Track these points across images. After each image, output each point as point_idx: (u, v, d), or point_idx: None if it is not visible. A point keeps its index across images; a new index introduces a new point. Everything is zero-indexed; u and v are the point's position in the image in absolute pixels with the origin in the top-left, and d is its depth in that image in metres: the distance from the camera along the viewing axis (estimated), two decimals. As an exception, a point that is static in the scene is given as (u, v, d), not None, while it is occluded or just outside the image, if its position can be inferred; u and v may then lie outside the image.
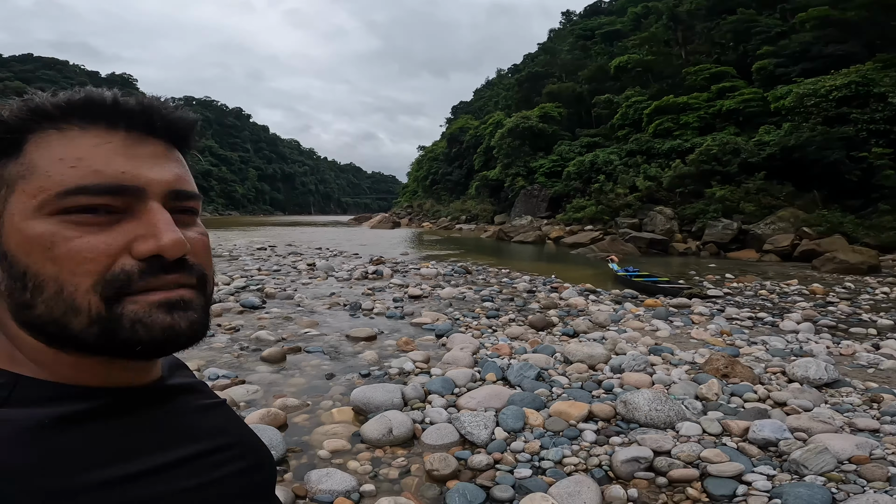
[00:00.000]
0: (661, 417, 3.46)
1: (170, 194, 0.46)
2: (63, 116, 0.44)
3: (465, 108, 79.85)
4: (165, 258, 0.43)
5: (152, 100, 0.48)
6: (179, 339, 0.44)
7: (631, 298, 9.24)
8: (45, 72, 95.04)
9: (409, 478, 2.90)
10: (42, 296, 0.42)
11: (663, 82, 32.03)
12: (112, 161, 0.44)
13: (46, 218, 0.42)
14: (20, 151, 0.44)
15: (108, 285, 0.42)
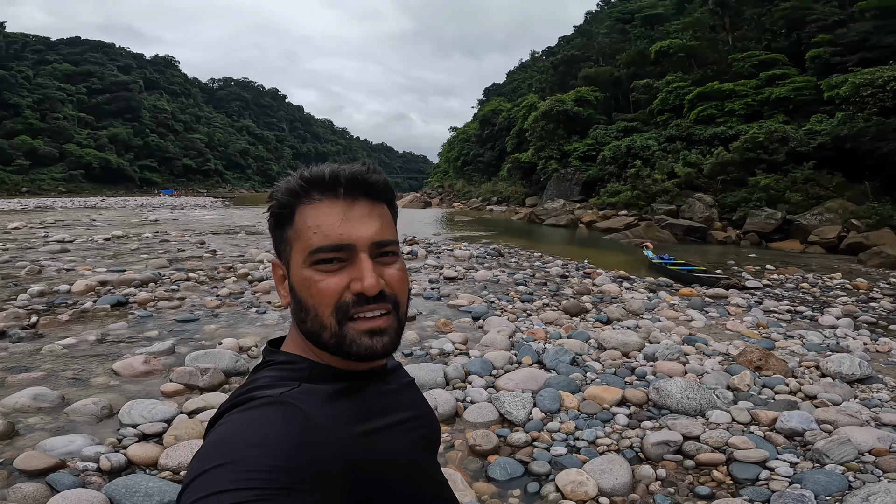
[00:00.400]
0: (692, 405, 3.59)
1: (372, 245, 0.66)
2: (306, 192, 0.66)
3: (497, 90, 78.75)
4: (367, 294, 0.64)
5: (357, 169, 0.67)
6: (377, 355, 0.65)
7: (665, 287, 9.19)
8: (92, 54, 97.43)
9: (452, 452, 3.14)
10: (308, 316, 0.65)
11: (707, 68, 30.85)
12: (335, 227, 0.65)
13: (307, 267, 0.65)
14: (293, 220, 0.67)
15: (338, 311, 0.64)
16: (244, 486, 0.48)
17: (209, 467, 0.50)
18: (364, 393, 0.68)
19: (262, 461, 0.51)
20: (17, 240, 14.48)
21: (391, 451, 0.65)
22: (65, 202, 44.02)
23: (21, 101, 71.39)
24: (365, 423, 0.64)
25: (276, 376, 0.66)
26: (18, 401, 3.60)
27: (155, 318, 6.26)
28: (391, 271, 0.67)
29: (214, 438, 0.56)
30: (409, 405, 0.74)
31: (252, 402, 0.59)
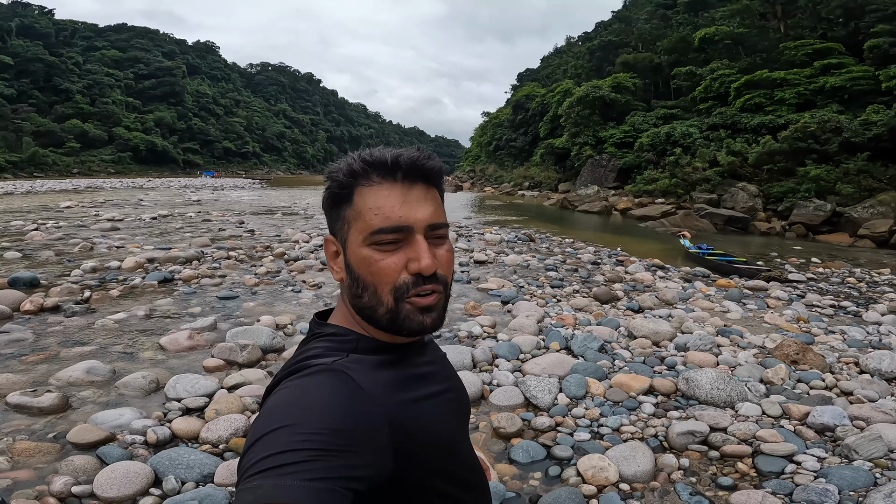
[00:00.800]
0: (722, 396, 3.55)
1: (427, 227, 0.69)
2: (366, 174, 0.69)
3: (531, 75, 77.39)
4: (424, 274, 0.68)
5: (415, 155, 0.70)
6: (426, 329, 0.70)
7: (702, 277, 8.98)
8: (138, 41, 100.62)
9: (477, 433, 3.21)
10: (366, 292, 0.69)
11: (756, 56, 29.55)
12: (395, 209, 0.68)
13: (366, 246, 0.68)
14: (351, 201, 0.70)
15: (396, 290, 0.68)
16: (300, 447, 0.52)
17: (269, 430, 0.55)
18: (406, 364, 0.72)
19: (316, 424, 0.55)
20: (70, 218, 15.27)
21: (430, 418, 0.70)
22: (114, 183, 45.96)
23: (72, 86, 74.44)
24: (407, 391, 0.69)
25: (327, 347, 0.70)
26: (73, 374, 3.79)
27: (198, 294, 6.55)
28: (441, 252, 0.71)
29: (273, 403, 0.60)
30: (444, 377, 0.79)
31: (306, 369, 0.64)
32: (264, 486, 0.49)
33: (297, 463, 0.51)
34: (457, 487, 0.73)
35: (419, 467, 0.66)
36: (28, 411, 3.27)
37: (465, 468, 0.77)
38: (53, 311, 5.57)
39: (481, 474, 0.83)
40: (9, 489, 2.51)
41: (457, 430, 0.78)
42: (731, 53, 31.77)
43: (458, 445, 0.77)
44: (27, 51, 70.68)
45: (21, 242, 10.37)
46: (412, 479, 0.65)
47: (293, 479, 0.49)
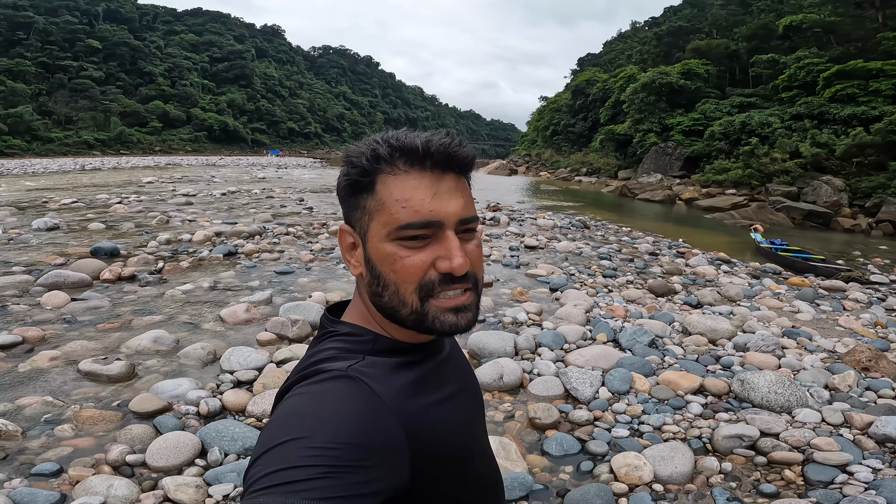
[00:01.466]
0: (780, 401, 3.35)
1: (459, 222, 0.63)
2: (392, 160, 0.63)
3: (592, 60, 75.04)
4: (455, 275, 0.62)
5: (447, 141, 0.64)
6: (460, 330, 0.65)
7: (772, 274, 8.44)
8: (212, 25, 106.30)
9: (511, 422, 3.19)
10: (387, 291, 0.64)
11: (850, 45, 27.32)
12: (425, 202, 0.62)
13: (390, 241, 0.62)
14: (374, 189, 0.63)
15: (422, 289, 0.62)
16: (312, 462, 0.49)
17: (279, 442, 0.51)
18: (424, 365, 0.68)
19: (329, 438, 0.51)
20: (150, 193, 16.43)
21: (448, 422, 0.66)
22: (190, 160, 48.89)
23: (154, 69, 79.43)
24: (425, 395, 0.65)
25: (341, 348, 0.65)
26: (141, 343, 4.07)
27: (258, 268, 6.89)
28: (471, 247, 0.65)
29: (284, 412, 0.57)
30: (459, 374, 0.75)
31: (319, 375, 0.60)
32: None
33: (307, 480, 0.48)
34: (472, 491, 0.71)
35: (435, 476, 0.62)
36: (97, 379, 3.52)
37: (481, 469, 0.74)
38: (130, 280, 6.02)
39: (496, 472, 0.80)
40: (69, 457, 2.67)
41: (474, 430, 0.74)
42: (820, 42, 29.75)
43: (475, 447, 0.73)
44: (114, 35, 75.96)
45: (105, 214, 11.29)
46: (427, 488, 0.61)
47: (301, 497, 0.46)
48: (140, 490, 2.40)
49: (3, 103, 55.14)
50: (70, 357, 3.82)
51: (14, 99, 56.07)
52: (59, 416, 3.04)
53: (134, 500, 2.32)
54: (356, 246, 0.67)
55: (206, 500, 2.37)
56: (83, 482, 2.38)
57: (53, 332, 4.32)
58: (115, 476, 2.47)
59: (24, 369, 3.62)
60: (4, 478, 2.46)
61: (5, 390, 3.33)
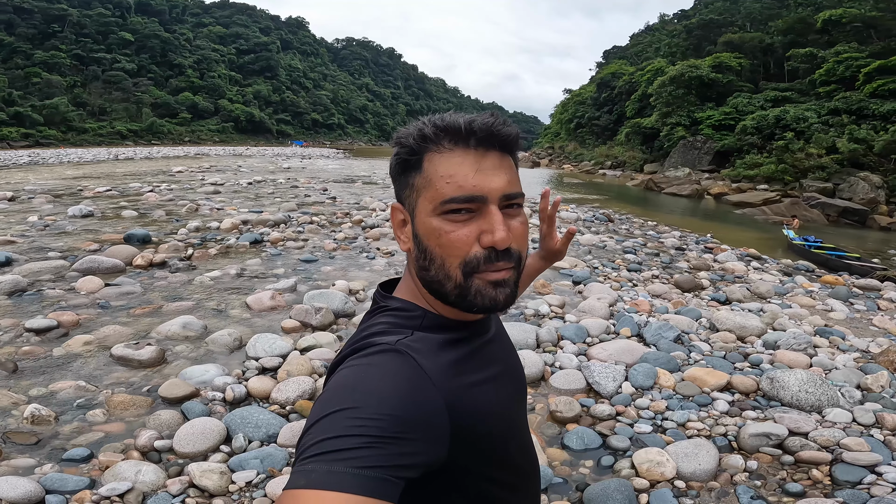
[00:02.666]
0: (810, 400, 3.26)
1: (502, 198, 0.64)
2: (437, 139, 0.65)
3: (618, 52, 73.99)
4: (497, 248, 0.63)
5: (489, 121, 0.65)
6: (498, 306, 0.65)
7: (805, 272, 8.21)
8: (239, 17, 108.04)
9: (532, 415, 3.17)
10: (433, 265, 0.65)
11: (891, 41, 26.37)
12: (468, 177, 0.63)
13: (436, 216, 0.64)
14: (421, 167, 0.66)
15: (466, 265, 0.63)
16: (357, 432, 0.51)
17: (329, 412, 0.53)
18: (470, 344, 0.69)
19: (375, 409, 0.53)
20: (180, 182, 16.81)
21: (490, 402, 0.67)
22: (218, 150, 49.79)
23: (184, 61, 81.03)
24: (469, 374, 0.65)
25: (392, 322, 0.67)
26: (171, 329, 4.16)
27: (283, 256, 7.00)
28: (516, 224, 0.66)
29: (335, 384, 0.59)
30: (504, 356, 0.76)
31: (370, 348, 0.62)
32: (317, 471, 0.49)
33: (352, 449, 0.50)
34: (510, 473, 0.71)
35: (474, 454, 0.64)
36: (129, 363, 3.61)
37: (520, 452, 0.75)
38: (161, 266, 6.18)
39: (534, 456, 0.81)
40: (99, 442, 2.72)
41: (515, 413, 0.75)
42: (860, 37, 28.94)
43: (515, 429, 0.74)
44: (145, 27, 77.69)
45: (138, 202, 11.60)
46: (466, 466, 0.63)
47: (345, 465, 0.49)
48: (167, 476, 2.45)
49: (40, 95, 57.00)
50: (103, 342, 3.93)
51: (50, 91, 57.91)
52: (92, 400, 3.11)
53: (161, 485, 2.37)
54: (406, 222, 0.69)
55: (230, 486, 2.42)
56: (112, 468, 2.43)
57: (87, 317, 4.46)
58: (144, 462, 2.52)
59: (59, 353, 3.73)
60: (36, 463, 2.51)
61: (40, 374, 3.43)
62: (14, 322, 4.21)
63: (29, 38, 63.22)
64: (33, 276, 5.45)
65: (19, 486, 2.21)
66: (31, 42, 63.19)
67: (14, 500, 2.17)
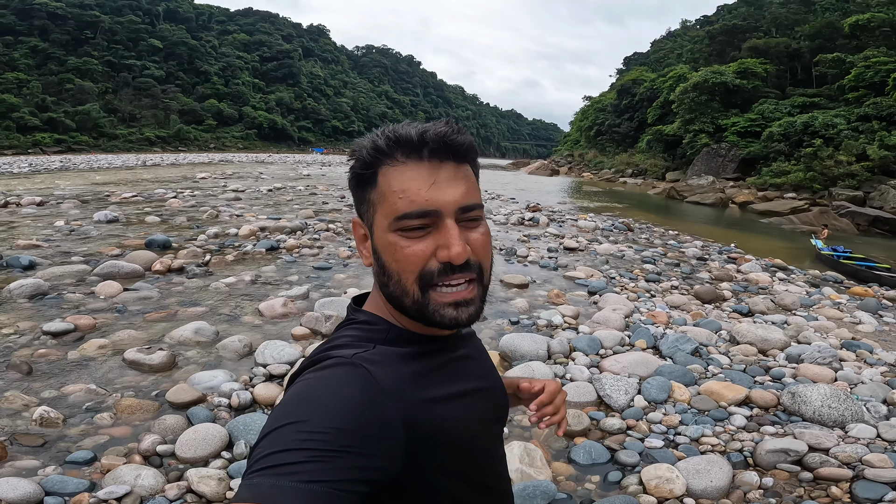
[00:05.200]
0: (833, 416, 3.15)
1: (458, 210, 0.63)
2: (391, 152, 0.64)
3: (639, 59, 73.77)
4: (454, 263, 0.62)
5: (442, 130, 0.64)
6: (461, 323, 0.64)
7: (834, 283, 7.95)
8: (262, 24, 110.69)
9: (537, 428, 3.10)
10: (391, 281, 0.65)
11: None
12: (421, 192, 0.62)
13: (392, 232, 0.64)
14: (376, 182, 0.65)
15: (421, 279, 0.63)
16: (304, 446, 0.51)
17: (278, 425, 0.53)
18: (436, 358, 0.68)
19: (323, 423, 0.53)
20: (203, 188, 17.14)
21: (454, 418, 0.65)
22: (241, 157, 50.84)
23: (210, 68, 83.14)
24: (431, 388, 0.64)
25: (355, 336, 0.67)
26: (183, 334, 4.19)
27: (297, 263, 7.04)
28: (475, 236, 0.65)
29: (288, 397, 0.59)
30: (479, 374, 0.74)
31: (326, 361, 0.62)
32: (263, 485, 0.48)
33: (297, 463, 0.50)
34: (475, 492, 0.69)
35: (433, 469, 0.62)
36: (140, 368, 3.64)
37: (488, 474, 0.72)
38: (178, 272, 6.27)
39: (507, 484, 0.78)
40: (104, 445, 2.73)
41: (485, 434, 0.72)
42: (889, 41, 28.35)
43: (483, 448, 0.71)
44: (173, 35, 79.90)
45: (161, 208, 11.86)
46: (424, 481, 0.62)
47: (291, 479, 0.49)
48: (166, 480, 2.45)
49: (72, 101, 58.95)
50: (117, 346, 3.98)
51: (82, 97, 59.86)
52: (101, 404, 3.14)
53: (159, 490, 2.37)
54: (367, 238, 0.69)
55: (227, 493, 2.40)
56: (113, 471, 2.44)
57: (104, 321, 4.53)
58: (144, 466, 2.52)
59: (74, 357, 3.79)
60: (39, 465, 2.53)
61: (53, 377, 3.48)
62: (33, 325, 4.30)
63: (62, 45, 65.50)
64: (55, 280, 5.58)
65: (19, 488, 2.24)
66: (64, 48, 65.45)
67: (13, 501, 2.19)
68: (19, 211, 10.76)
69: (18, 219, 9.80)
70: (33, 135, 51.33)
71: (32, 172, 25.51)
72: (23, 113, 51.74)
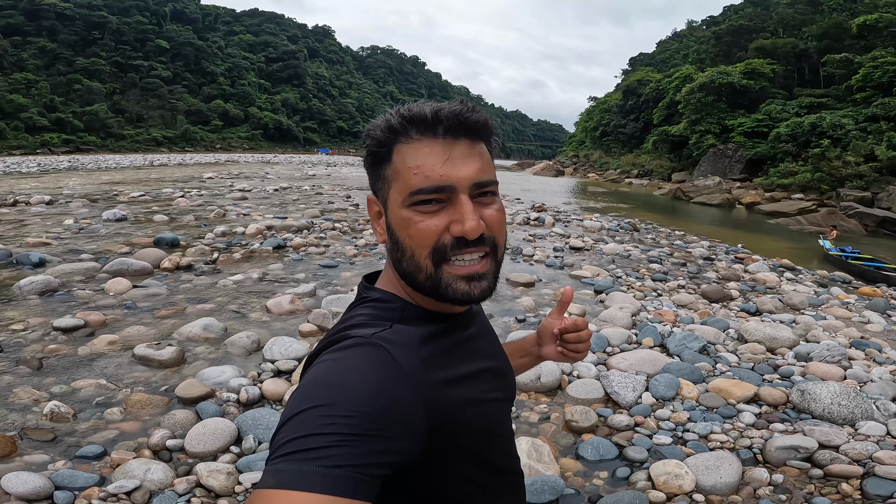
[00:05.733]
0: (843, 413, 3.14)
1: (472, 186, 0.64)
2: (405, 130, 0.65)
3: (645, 59, 73.73)
4: (468, 238, 0.62)
5: (457, 108, 0.64)
6: (473, 299, 0.65)
7: (842, 283, 7.90)
8: (268, 25, 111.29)
9: (547, 424, 3.10)
10: (405, 256, 0.65)
11: None
12: (436, 167, 0.63)
13: (406, 207, 0.64)
14: (390, 159, 0.66)
15: (435, 253, 0.63)
16: (328, 430, 0.51)
17: (301, 409, 0.53)
18: (452, 338, 0.68)
19: (347, 406, 0.52)
20: (210, 188, 17.23)
21: (471, 399, 0.65)
22: (247, 157, 51.06)
23: (216, 68, 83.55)
24: (449, 369, 0.64)
25: (370, 314, 0.67)
26: (192, 330, 4.22)
27: (304, 261, 7.07)
28: (490, 212, 0.65)
29: (309, 380, 0.58)
30: (490, 354, 0.75)
31: (345, 341, 0.61)
32: (287, 471, 0.48)
33: (322, 448, 0.50)
34: (490, 474, 0.69)
35: (452, 452, 0.63)
36: (149, 363, 3.66)
37: (501, 454, 0.73)
38: (186, 269, 6.31)
39: (517, 462, 0.79)
40: (114, 440, 2.74)
41: (499, 413, 0.73)
42: None
43: (497, 429, 0.72)
44: (180, 35, 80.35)
45: (169, 207, 11.93)
46: (443, 464, 0.62)
47: (316, 464, 0.49)
48: (175, 475, 2.46)
49: (80, 101, 59.36)
50: (127, 342, 4.01)
51: (90, 97, 60.30)
52: (111, 399, 3.16)
53: (168, 484, 2.38)
54: (381, 214, 0.69)
55: (236, 487, 2.41)
56: (123, 465, 2.45)
57: (114, 318, 4.56)
58: (154, 460, 2.53)
59: (84, 352, 3.81)
60: (49, 459, 2.54)
61: (64, 372, 3.50)
62: (43, 321, 4.33)
63: (71, 45, 65.97)
64: (65, 277, 5.62)
65: (29, 482, 2.24)
66: (72, 49, 65.92)
67: (23, 496, 2.20)
68: (29, 210, 10.85)
69: (28, 217, 9.88)
70: (42, 135, 51.74)
71: (41, 172, 25.73)
72: (31, 113, 52.19)
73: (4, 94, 51.10)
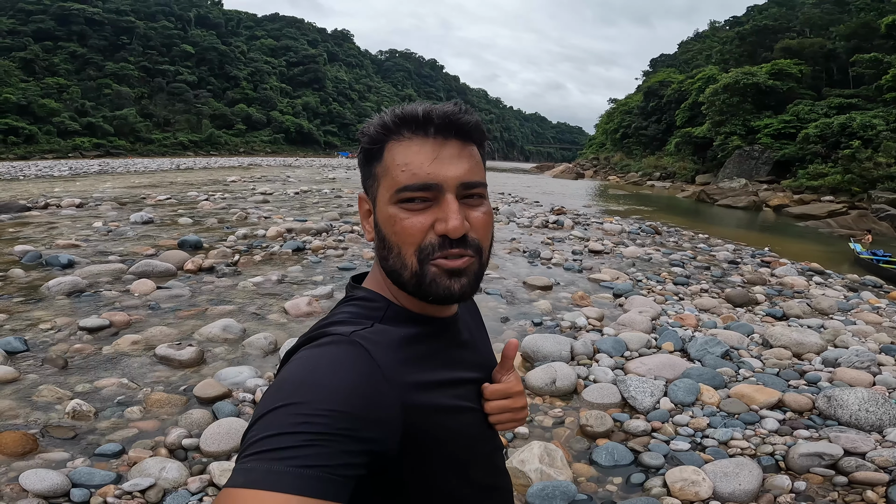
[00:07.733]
0: (871, 420, 3.05)
1: (459, 186, 0.64)
2: (397, 129, 0.65)
3: (666, 61, 72.71)
4: (451, 237, 0.62)
5: (449, 109, 0.65)
6: (454, 296, 0.64)
7: (873, 287, 7.65)
8: (288, 30, 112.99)
9: (561, 428, 3.06)
10: (391, 254, 0.65)
11: None
12: (423, 165, 0.63)
13: (392, 204, 0.64)
14: (382, 156, 0.66)
15: (420, 251, 0.63)
16: (300, 429, 0.50)
17: (274, 407, 0.52)
18: (434, 342, 0.67)
19: (321, 404, 0.51)
20: (233, 191, 17.54)
21: (453, 405, 0.65)
22: (269, 161, 51.90)
23: (239, 73, 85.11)
24: (432, 372, 0.63)
25: (353, 312, 0.66)
26: (212, 331, 4.29)
27: (322, 264, 7.13)
28: (476, 214, 0.65)
29: (283, 376, 0.57)
30: (480, 362, 0.74)
31: (324, 338, 0.60)
32: (257, 470, 0.47)
33: (293, 448, 0.48)
34: (470, 488, 0.67)
35: (429, 459, 0.61)
36: (170, 363, 3.73)
37: (484, 468, 0.71)
38: (209, 271, 6.43)
39: (505, 478, 0.77)
40: (132, 438, 2.79)
41: (479, 425, 0.71)
42: None
43: (478, 441, 0.70)
44: (204, 40, 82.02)
45: (193, 210, 12.19)
46: (419, 470, 0.61)
47: (286, 464, 0.47)
48: (189, 473, 2.49)
49: (110, 106, 61.01)
50: (150, 342, 4.09)
51: (120, 102, 61.94)
52: (131, 398, 3.22)
53: (182, 483, 2.41)
54: (370, 213, 0.70)
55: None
56: (139, 464, 2.49)
57: (138, 318, 4.67)
58: (170, 459, 2.57)
59: (108, 352, 3.91)
60: (69, 457, 2.59)
61: (88, 371, 3.59)
62: (69, 321, 4.46)
63: (100, 50, 67.80)
64: (93, 278, 5.78)
65: (47, 479, 2.29)
66: (102, 53, 67.75)
67: (40, 493, 2.25)
68: (59, 212, 11.21)
69: (59, 219, 10.20)
70: (73, 139, 53.34)
71: (73, 176, 26.54)
72: (63, 118, 53.83)
73: (37, 99, 52.81)
